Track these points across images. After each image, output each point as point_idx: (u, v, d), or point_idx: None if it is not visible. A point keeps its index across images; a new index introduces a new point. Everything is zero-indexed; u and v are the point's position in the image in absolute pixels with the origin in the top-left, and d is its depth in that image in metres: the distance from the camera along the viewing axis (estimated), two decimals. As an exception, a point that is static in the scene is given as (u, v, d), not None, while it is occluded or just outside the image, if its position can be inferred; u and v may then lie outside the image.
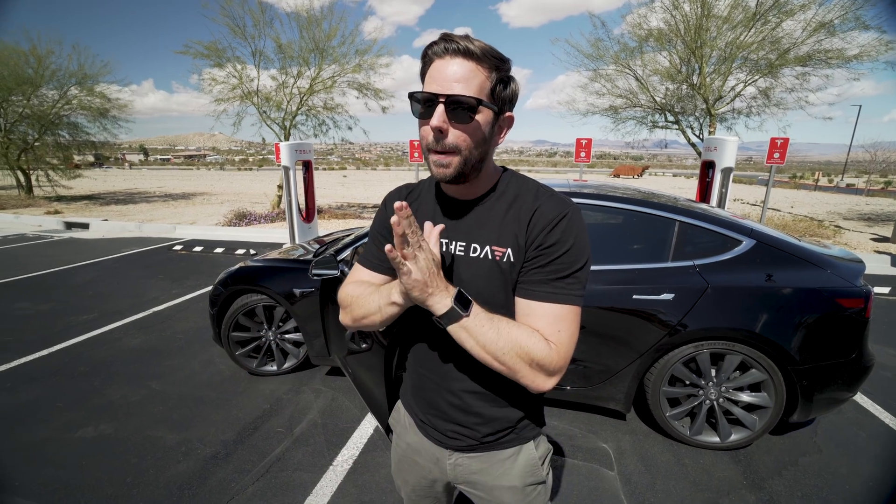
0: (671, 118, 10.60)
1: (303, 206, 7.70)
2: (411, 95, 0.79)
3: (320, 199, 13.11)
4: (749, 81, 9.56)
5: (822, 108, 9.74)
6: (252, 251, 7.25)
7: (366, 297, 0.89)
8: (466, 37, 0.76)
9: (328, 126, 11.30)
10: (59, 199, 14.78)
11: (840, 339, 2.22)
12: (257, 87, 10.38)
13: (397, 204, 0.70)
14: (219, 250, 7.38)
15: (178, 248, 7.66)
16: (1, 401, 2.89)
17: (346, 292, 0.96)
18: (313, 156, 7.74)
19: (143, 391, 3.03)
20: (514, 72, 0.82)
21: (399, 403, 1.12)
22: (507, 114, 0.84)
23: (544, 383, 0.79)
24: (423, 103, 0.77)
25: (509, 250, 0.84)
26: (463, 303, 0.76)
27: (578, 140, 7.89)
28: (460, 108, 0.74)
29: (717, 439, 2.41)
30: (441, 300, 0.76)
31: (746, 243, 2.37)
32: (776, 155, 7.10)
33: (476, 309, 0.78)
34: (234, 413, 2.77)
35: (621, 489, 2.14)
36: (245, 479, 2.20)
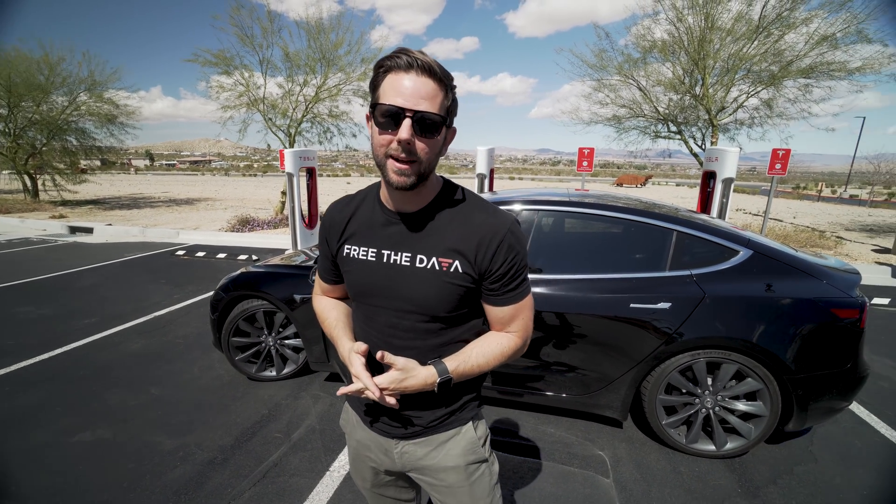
0: (674, 128, 10.66)
1: (306, 212, 7.76)
2: (377, 106, 0.81)
3: (323, 206, 13.19)
4: (752, 93, 9.61)
5: (825, 118, 9.78)
6: (254, 257, 7.30)
7: (330, 328, 1.08)
8: (424, 53, 0.80)
9: (333, 133, 11.43)
10: (65, 203, 14.93)
11: (835, 348, 2.22)
12: (264, 94, 10.53)
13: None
14: (221, 256, 7.44)
15: (180, 253, 7.72)
16: None
17: (317, 306, 1.15)
18: (317, 162, 7.82)
19: (142, 396, 3.05)
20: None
21: (346, 405, 1.18)
22: (453, 127, 0.90)
23: (521, 353, 1.02)
24: (387, 115, 0.79)
25: (457, 262, 0.90)
26: (444, 379, 0.91)
27: (581, 149, 7.94)
28: (427, 124, 0.80)
29: (712, 447, 2.40)
30: (428, 384, 0.90)
31: (743, 253, 2.38)
32: (778, 166, 7.11)
33: (453, 365, 0.91)
34: (233, 418, 2.79)
35: (617, 497, 2.14)
36: (242, 483, 2.21)
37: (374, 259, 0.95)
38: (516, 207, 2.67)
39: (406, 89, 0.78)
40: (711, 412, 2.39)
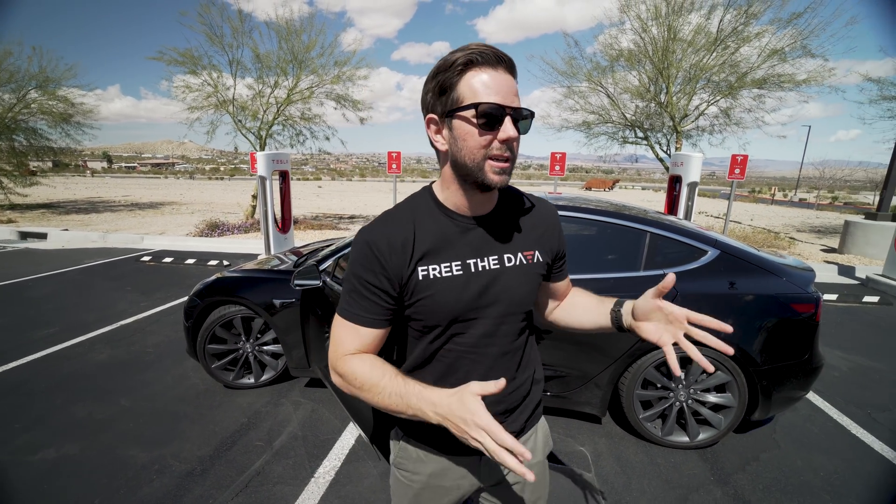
0: (640, 134, 11.09)
1: (279, 216, 7.61)
2: (476, 105, 0.74)
3: (295, 210, 12.91)
4: (711, 101, 10.14)
5: (776, 127, 10.46)
6: (225, 262, 7.08)
7: (394, 388, 0.78)
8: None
9: (305, 136, 11.22)
10: (13, 207, 14.00)
11: (794, 341, 2.39)
12: (233, 95, 10.22)
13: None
14: (190, 261, 7.17)
15: (146, 259, 7.38)
16: (-47, 421, 2.72)
17: (352, 370, 0.83)
18: (290, 166, 7.68)
19: (111, 408, 2.91)
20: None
21: (402, 444, 1.01)
22: None
23: None
24: (488, 114, 0.74)
25: (537, 252, 0.95)
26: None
27: (553, 154, 8.15)
28: (521, 120, 0.78)
29: (686, 439, 2.52)
30: None
31: (711, 253, 2.53)
32: (737, 171, 7.53)
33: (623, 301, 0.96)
34: (211, 428, 2.70)
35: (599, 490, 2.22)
36: (224, 494, 2.15)
37: (460, 272, 0.85)
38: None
39: (501, 86, 0.75)
40: (685, 405, 2.51)
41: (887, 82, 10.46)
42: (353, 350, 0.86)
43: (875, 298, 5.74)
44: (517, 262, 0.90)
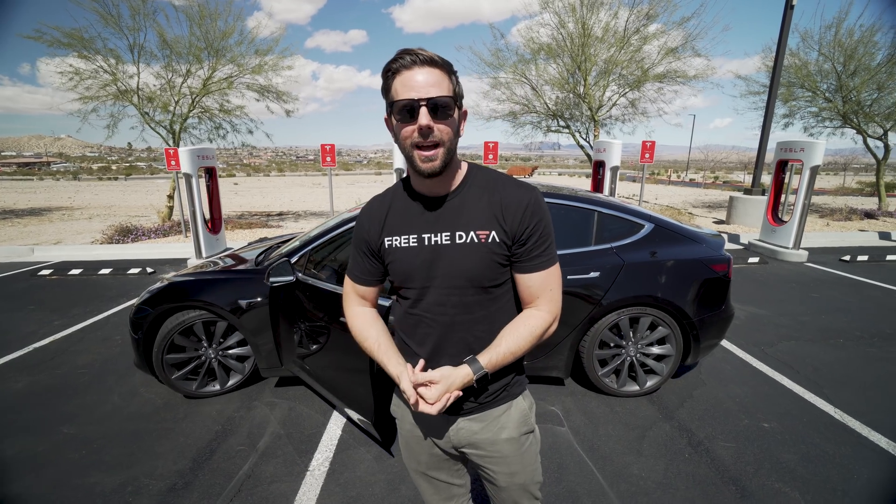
0: (562, 123, 11.93)
1: (208, 216, 7.07)
2: (393, 104, 0.90)
3: (224, 208, 11.93)
4: (622, 93, 11.22)
5: (673, 116, 11.91)
6: (150, 269, 6.41)
7: (372, 349, 1.07)
8: (423, 49, 0.90)
9: (226, 130, 10.38)
10: None
11: (713, 295, 2.88)
12: (138, 85, 9.10)
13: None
14: (105, 272, 6.38)
15: (46, 272, 6.43)
16: None
17: (354, 321, 1.13)
18: (216, 161, 7.14)
19: (52, 438, 2.61)
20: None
21: (397, 391, 1.18)
22: (464, 109, 0.99)
23: (552, 330, 1.06)
24: (404, 110, 0.88)
25: (493, 232, 0.98)
26: (480, 376, 0.97)
27: (486, 143, 8.49)
28: (441, 108, 0.88)
29: (637, 388, 2.93)
30: (466, 383, 0.97)
31: (648, 227, 2.93)
32: (647, 155, 8.49)
33: (486, 360, 0.98)
34: (182, 440, 2.55)
35: (573, 440, 2.51)
36: (217, 502, 2.08)
37: (416, 244, 1.00)
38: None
39: (416, 83, 0.87)
40: (634, 359, 2.91)
41: (752, 80, 12.44)
42: (355, 303, 1.16)
43: (756, 259, 6.90)
44: (468, 240, 0.97)
